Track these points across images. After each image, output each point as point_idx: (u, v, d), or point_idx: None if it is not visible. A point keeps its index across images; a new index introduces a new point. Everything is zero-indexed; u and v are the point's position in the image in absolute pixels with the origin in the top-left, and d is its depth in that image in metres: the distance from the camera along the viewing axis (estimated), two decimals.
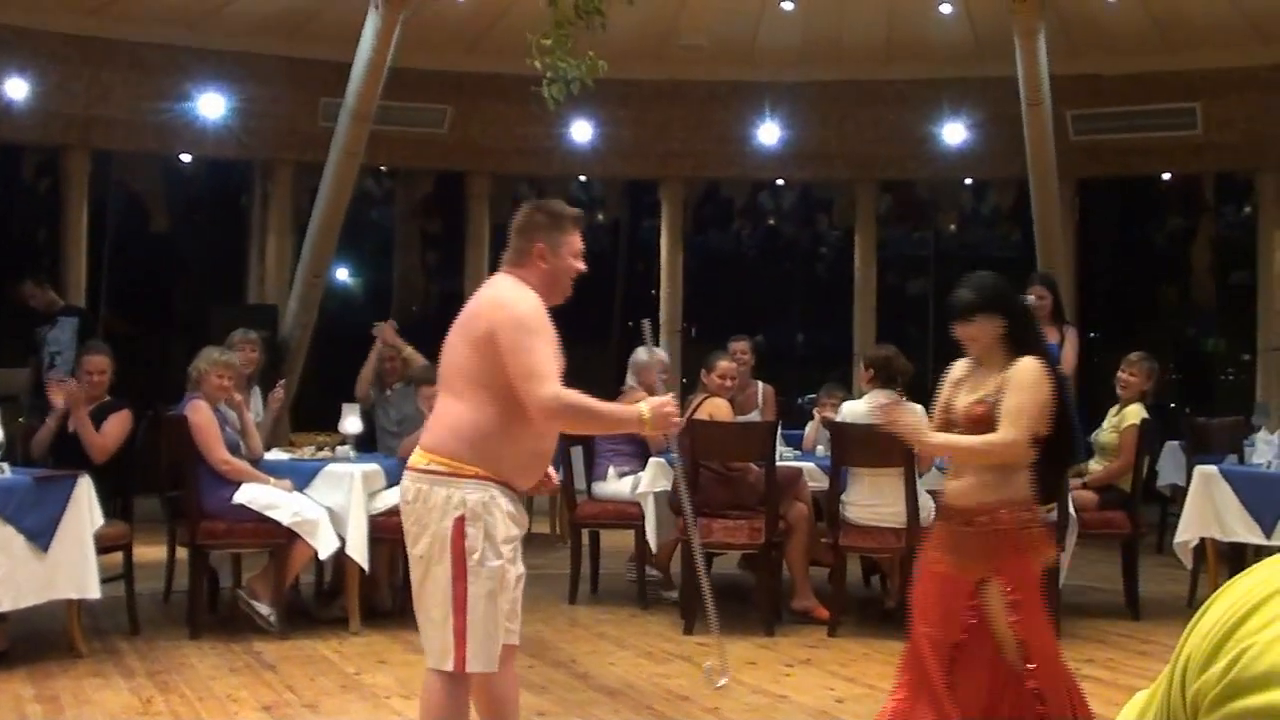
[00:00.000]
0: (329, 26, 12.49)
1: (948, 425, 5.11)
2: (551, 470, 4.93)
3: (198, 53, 12.94)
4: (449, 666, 4.52)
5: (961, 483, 5.00)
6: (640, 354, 9.32)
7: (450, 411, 4.66)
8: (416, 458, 4.64)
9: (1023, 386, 4.88)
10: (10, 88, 12.36)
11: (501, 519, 4.54)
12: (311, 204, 13.00)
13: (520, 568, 4.63)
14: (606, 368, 14.33)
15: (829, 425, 8.65)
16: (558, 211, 4.89)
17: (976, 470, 4.95)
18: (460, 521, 4.48)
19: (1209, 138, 13.29)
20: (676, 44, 13.33)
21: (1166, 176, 15.28)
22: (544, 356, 4.52)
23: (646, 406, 4.62)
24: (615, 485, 9.28)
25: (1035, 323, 5.24)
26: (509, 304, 4.64)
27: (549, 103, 10.77)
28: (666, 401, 4.66)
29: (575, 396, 4.54)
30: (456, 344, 4.72)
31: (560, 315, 4.77)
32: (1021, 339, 5.02)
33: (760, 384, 10.35)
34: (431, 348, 10.71)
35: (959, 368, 5.22)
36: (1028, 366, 4.91)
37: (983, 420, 4.92)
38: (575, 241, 4.85)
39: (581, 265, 4.87)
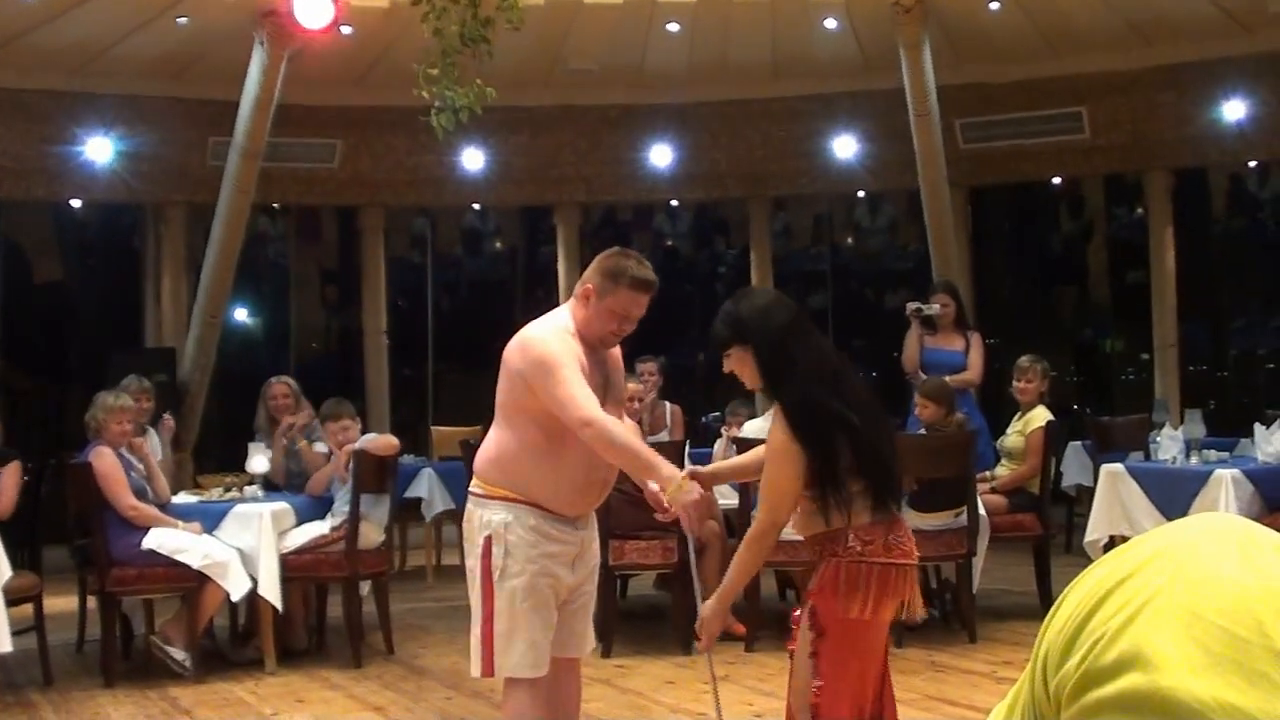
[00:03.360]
0: (215, 66, 12.38)
1: None
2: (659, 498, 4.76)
3: (83, 97, 12.78)
4: (477, 671, 4.83)
5: (795, 517, 4.53)
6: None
7: (490, 437, 4.96)
8: (471, 481, 4.97)
9: (770, 457, 4.45)
10: None
11: (526, 537, 4.77)
12: (205, 245, 12.87)
13: (570, 578, 4.90)
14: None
15: (737, 442, 8.67)
16: (619, 267, 4.89)
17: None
18: (488, 540, 4.77)
19: (1096, 140, 13.48)
20: (565, 69, 13.34)
21: (1057, 181, 15.47)
22: (569, 383, 4.64)
23: (675, 486, 4.61)
24: None
25: (789, 348, 4.51)
26: (530, 344, 4.80)
27: (438, 132, 10.75)
28: (702, 497, 4.68)
29: (608, 424, 4.64)
30: (499, 376, 4.90)
31: (458, 345, 4.84)
32: (772, 373, 4.51)
33: (668, 404, 10.38)
34: (334, 383, 10.69)
35: None
36: (774, 431, 4.41)
37: None
38: (623, 300, 4.86)
39: (616, 323, 4.90)
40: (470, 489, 4.95)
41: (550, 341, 4.76)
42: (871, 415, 4.52)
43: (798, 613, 4.50)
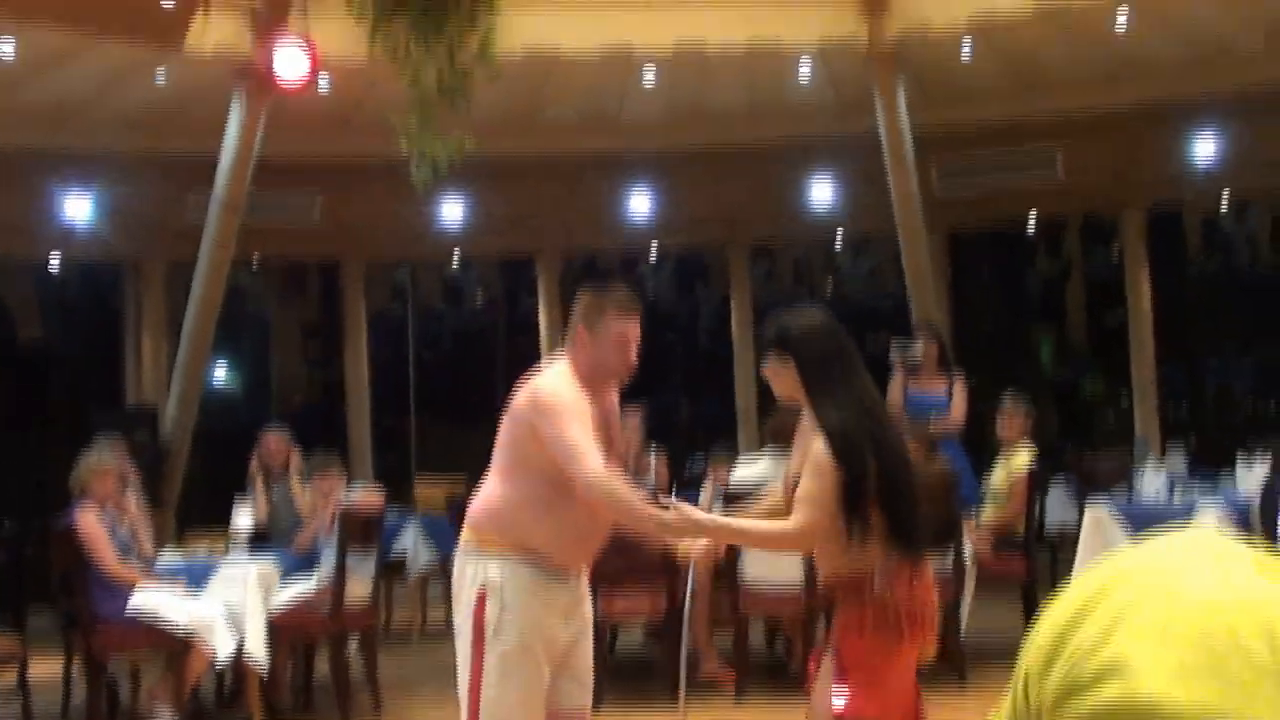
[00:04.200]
0: (193, 121, 12.39)
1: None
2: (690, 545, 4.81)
3: (62, 154, 12.76)
4: None
5: (816, 554, 4.56)
6: None
7: (488, 488, 4.81)
8: (462, 533, 4.80)
9: (812, 471, 4.33)
10: None
11: (523, 592, 4.62)
12: (185, 301, 12.85)
13: (564, 633, 4.74)
14: (490, 444, 14.27)
15: (724, 489, 8.67)
16: (599, 295, 4.91)
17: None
18: (481, 595, 4.61)
19: (1072, 181, 13.56)
20: (543, 118, 13.38)
21: (1033, 221, 15.55)
22: (578, 438, 4.55)
23: (688, 546, 4.64)
24: None
25: (830, 373, 4.50)
26: (538, 392, 4.72)
27: (418, 184, 10.81)
28: (714, 549, 4.72)
29: (614, 483, 4.57)
30: (502, 426, 4.81)
31: (440, 397, 4.83)
32: (815, 388, 4.47)
33: (652, 453, 10.37)
34: (317, 437, 10.67)
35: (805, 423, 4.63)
36: (818, 448, 4.34)
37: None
38: (616, 325, 4.82)
39: (624, 350, 4.85)
40: (461, 541, 4.81)
41: (562, 391, 4.71)
42: (901, 456, 4.50)
43: (818, 658, 4.44)
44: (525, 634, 4.62)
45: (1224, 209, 15.35)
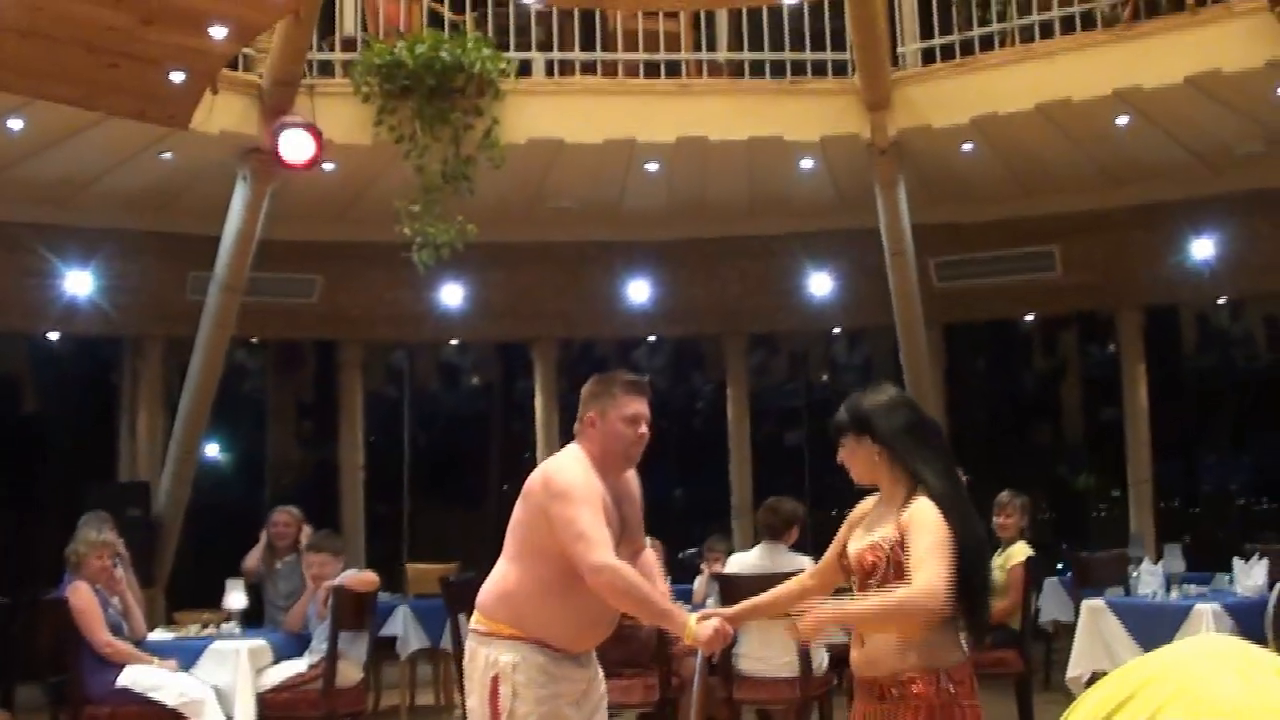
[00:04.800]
0: (197, 200, 12.45)
1: (842, 574, 4.54)
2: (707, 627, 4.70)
3: (64, 229, 12.81)
4: None
5: (867, 648, 4.29)
6: None
7: (497, 573, 4.85)
8: (473, 617, 4.84)
9: (926, 527, 4.12)
10: None
11: (536, 678, 4.65)
12: (182, 378, 12.85)
13: (577, 718, 4.77)
14: (484, 529, 14.25)
15: (718, 578, 8.66)
16: (606, 380, 4.97)
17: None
18: (495, 681, 4.65)
19: (1069, 279, 13.63)
20: (544, 206, 13.45)
21: (1030, 318, 15.61)
22: (588, 524, 4.58)
23: (695, 624, 4.61)
24: None
25: (920, 443, 4.38)
26: (552, 475, 4.76)
27: (420, 267, 10.87)
28: (722, 629, 4.63)
29: (621, 572, 4.58)
30: (515, 509, 4.84)
31: (435, 481, 4.85)
32: (908, 461, 4.33)
33: (647, 539, 10.34)
34: (309, 518, 10.63)
35: (861, 507, 4.58)
36: (925, 506, 4.17)
37: (874, 570, 4.25)
38: (626, 406, 4.88)
39: (633, 430, 4.88)
40: (473, 625, 4.85)
41: (576, 475, 4.73)
42: (982, 539, 4.40)
43: None
44: (543, 711, 4.65)
45: (1220, 307, 15.41)
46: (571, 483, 4.68)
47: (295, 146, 10.72)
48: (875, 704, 4.23)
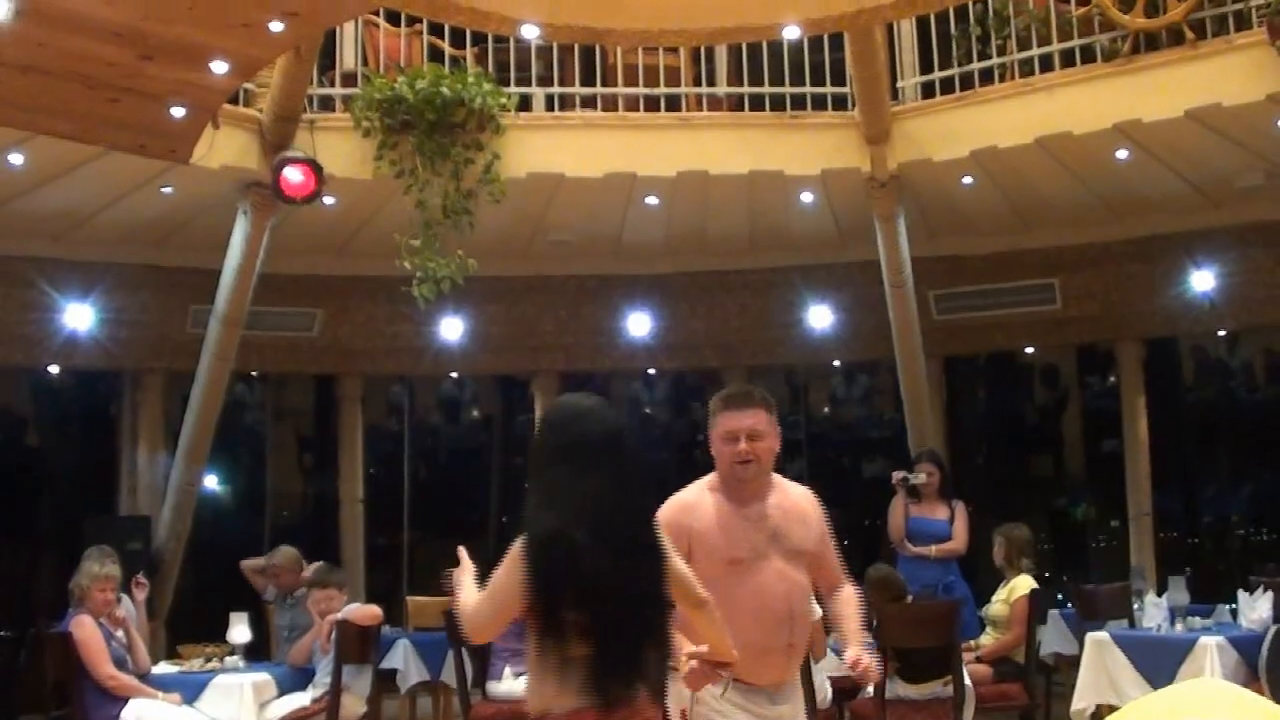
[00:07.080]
0: (197, 234, 12.47)
1: None
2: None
3: (65, 263, 12.82)
4: None
5: None
6: None
7: None
8: None
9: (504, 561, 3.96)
10: None
11: (716, 707, 4.54)
12: (183, 412, 12.85)
13: None
14: (482, 563, 14.20)
15: None
16: (711, 401, 4.92)
17: None
18: (683, 715, 4.52)
19: (1068, 312, 13.64)
20: (544, 240, 13.46)
21: (1030, 350, 15.61)
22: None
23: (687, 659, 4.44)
24: (510, 685, 9.15)
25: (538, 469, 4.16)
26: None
27: (420, 301, 10.88)
28: (714, 674, 4.39)
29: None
30: None
31: (435, 513, 4.71)
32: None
33: None
34: (309, 552, 10.62)
35: None
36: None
37: None
38: (724, 423, 4.80)
39: (731, 447, 4.76)
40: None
41: (663, 512, 4.58)
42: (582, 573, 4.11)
43: None
44: None
45: (1220, 339, 15.41)
46: (660, 519, 4.35)
47: (296, 181, 10.75)
48: None
